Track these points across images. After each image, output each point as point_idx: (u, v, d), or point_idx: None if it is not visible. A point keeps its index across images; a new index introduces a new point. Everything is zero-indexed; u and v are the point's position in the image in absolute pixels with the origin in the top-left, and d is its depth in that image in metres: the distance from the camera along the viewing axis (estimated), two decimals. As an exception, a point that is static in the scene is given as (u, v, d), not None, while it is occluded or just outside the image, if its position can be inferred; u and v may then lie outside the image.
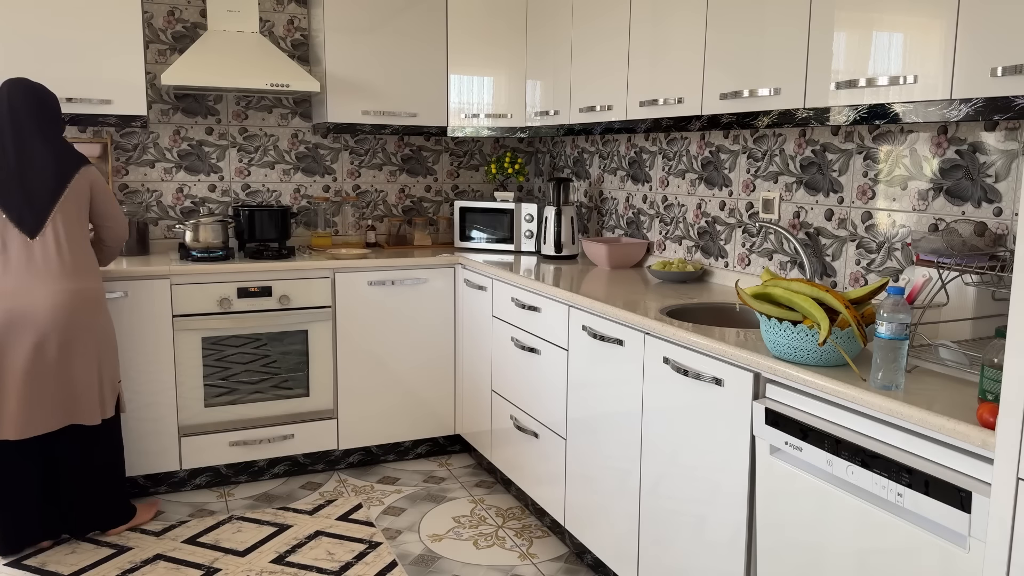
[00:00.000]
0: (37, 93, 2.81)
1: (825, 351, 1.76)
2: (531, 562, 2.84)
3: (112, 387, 2.89)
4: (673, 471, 2.24)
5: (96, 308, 2.81)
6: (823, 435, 1.71)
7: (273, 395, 3.44)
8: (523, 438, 3.11)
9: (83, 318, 2.76)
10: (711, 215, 3.05)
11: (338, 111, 3.64)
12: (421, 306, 3.63)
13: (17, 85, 2.78)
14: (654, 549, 2.34)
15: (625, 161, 3.57)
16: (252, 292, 3.34)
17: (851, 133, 2.43)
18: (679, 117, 2.63)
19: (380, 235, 4.15)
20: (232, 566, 2.76)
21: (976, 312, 1.86)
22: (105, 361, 2.85)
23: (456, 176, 4.29)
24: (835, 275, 2.51)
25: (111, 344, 2.89)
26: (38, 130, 2.77)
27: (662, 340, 2.25)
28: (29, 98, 2.78)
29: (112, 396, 2.89)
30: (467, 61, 3.78)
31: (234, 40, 3.50)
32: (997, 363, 1.41)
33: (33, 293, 2.68)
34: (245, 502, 3.29)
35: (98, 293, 2.83)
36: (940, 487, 1.46)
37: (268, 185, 3.92)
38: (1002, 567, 1.32)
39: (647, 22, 2.78)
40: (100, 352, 2.83)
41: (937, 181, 2.16)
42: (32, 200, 2.72)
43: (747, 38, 2.32)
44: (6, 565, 2.73)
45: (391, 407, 3.65)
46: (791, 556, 1.83)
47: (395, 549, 2.91)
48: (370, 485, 3.48)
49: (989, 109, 1.64)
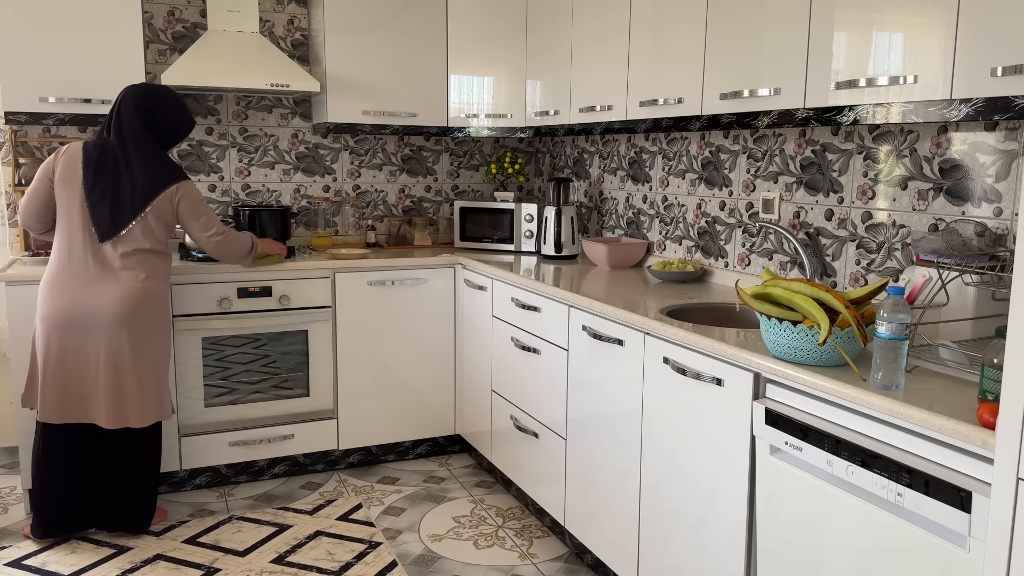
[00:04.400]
0: (149, 102, 2.84)
1: (825, 351, 1.76)
2: (531, 562, 2.84)
3: (167, 390, 2.90)
4: (673, 471, 2.24)
5: (154, 311, 2.82)
6: (823, 435, 1.71)
7: (273, 395, 3.44)
8: (523, 438, 3.11)
9: (141, 320, 2.78)
10: (711, 215, 3.05)
11: (338, 111, 3.64)
12: (421, 306, 3.63)
13: (130, 93, 2.84)
14: (654, 549, 2.34)
15: (625, 161, 3.57)
16: (252, 292, 3.34)
17: (851, 133, 2.43)
18: (679, 117, 2.63)
19: (380, 235, 4.15)
20: (232, 566, 2.76)
21: (976, 312, 1.86)
22: (162, 364, 2.87)
23: (456, 176, 4.29)
24: (835, 275, 2.51)
25: (168, 348, 2.90)
26: (135, 141, 2.81)
27: (662, 340, 2.25)
28: (139, 107, 2.82)
29: (161, 400, 2.89)
30: (467, 61, 3.78)
31: (234, 40, 3.50)
32: (997, 363, 1.41)
33: (92, 293, 2.73)
34: (245, 502, 3.29)
35: (157, 296, 2.82)
36: (940, 487, 1.46)
37: (268, 185, 3.92)
38: (1002, 567, 1.32)
39: (647, 22, 2.78)
40: (157, 354, 2.84)
41: (937, 181, 2.16)
42: (116, 210, 2.77)
43: (747, 38, 2.32)
44: (6, 565, 2.73)
45: (391, 407, 3.65)
46: (791, 556, 1.83)
47: (395, 549, 2.91)
48: (370, 485, 3.48)
49: (989, 109, 1.64)
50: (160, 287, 2.85)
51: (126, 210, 2.78)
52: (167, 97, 2.89)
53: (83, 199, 2.76)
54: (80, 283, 2.74)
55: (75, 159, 2.79)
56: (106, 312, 2.73)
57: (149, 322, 2.80)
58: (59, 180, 2.78)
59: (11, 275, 2.98)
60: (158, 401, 2.86)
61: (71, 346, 2.75)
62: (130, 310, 2.75)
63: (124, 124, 2.82)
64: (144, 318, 2.79)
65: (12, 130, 3.43)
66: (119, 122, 2.82)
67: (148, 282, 2.80)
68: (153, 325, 2.82)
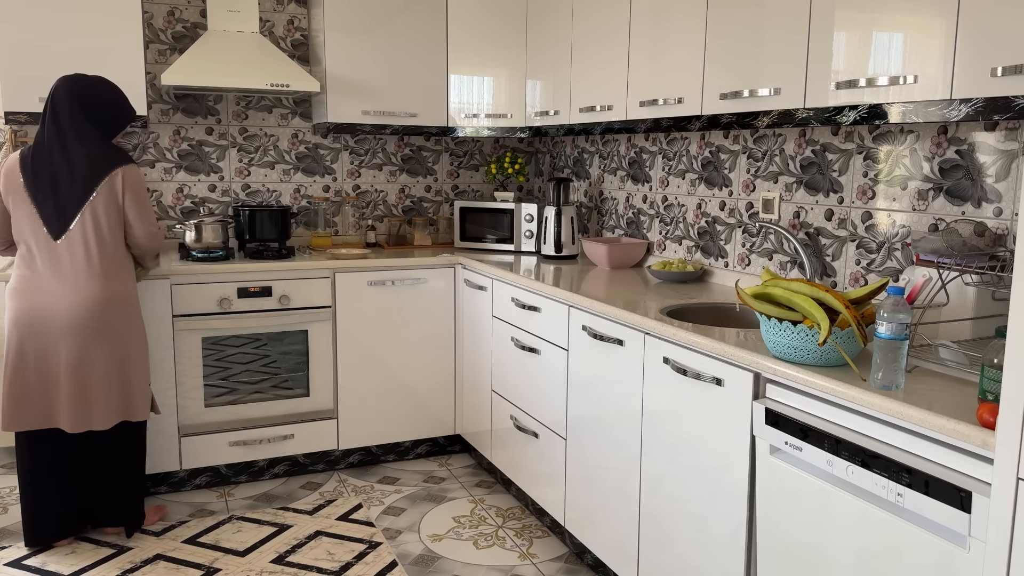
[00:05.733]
0: (85, 91, 2.75)
1: (825, 351, 1.76)
2: (531, 562, 2.84)
3: (142, 389, 2.87)
4: (673, 471, 2.24)
5: (121, 310, 2.78)
6: (823, 435, 1.71)
7: (273, 395, 3.44)
8: (523, 438, 3.11)
9: (106, 320, 2.75)
10: (711, 215, 3.05)
11: (338, 111, 3.64)
12: (421, 306, 3.63)
13: (64, 83, 2.75)
14: (654, 549, 2.34)
15: (625, 161, 3.57)
16: (252, 292, 3.34)
17: (851, 133, 2.43)
18: (679, 117, 2.63)
19: (380, 235, 4.15)
20: (232, 566, 2.76)
21: (976, 312, 1.86)
22: (132, 364, 2.83)
23: (456, 176, 4.29)
24: (835, 275, 2.51)
25: (140, 346, 2.86)
26: (76, 130, 2.73)
27: (662, 340, 2.25)
28: (75, 96, 2.73)
29: (142, 399, 2.87)
30: (467, 61, 3.78)
31: (234, 40, 3.50)
32: (997, 363, 1.41)
33: (54, 294, 2.70)
34: (245, 502, 3.29)
35: (123, 295, 2.79)
36: (940, 487, 1.46)
37: (268, 185, 3.92)
38: (1002, 567, 1.32)
39: (647, 22, 2.78)
40: (125, 355, 2.81)
41: (937, 181, 2.16)
42: (60, 202, 2.71)
43: (747, 38, 2.32)
44: (6, 565, 2.73)
45: (391, 407, 3.65)
46: (791, 556, 1.83)
47: (395, 549, 2.91)
48: (370, 485, 3.48)
49: (989, 109, 1.64)
50: (119, 286, 2.78)
51: (71, 200, 2.71)
52: (101, 84, 2.81)
53: (30, 202, 2.71)
54: (41, 285, 2.70)
55: (13, 168, 2.74)
56: (63, 316, 2.69)
57: (110, 323, 2.75)
58: (4, 193, 2.74)
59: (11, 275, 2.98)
60: (123, 402, 2.82)
61: (31, 350, 2.71)
62: (86, 313, 2.70)
63: (60, 115, 2.73)
64: (104, 319, 2.74)
65: (12, 130, 3.43)
66: (55, 114, 2.73)
67: (105, 282, 2.74)
68: (116, 325, 2.76)
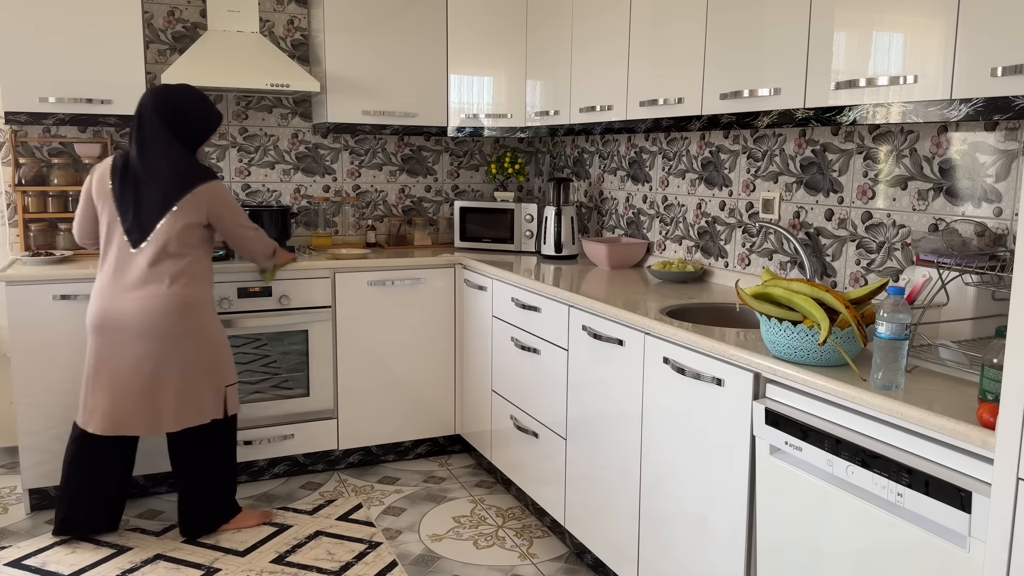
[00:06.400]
0: (169, 105, 2.81)
1: (825, 351, 1.76)
2: (531, 562, 2.84)
3: (216, 391, 2.87)
4: (673, 471, 2.24)
5: (190, 316, 2.79)
6: (823, 435, 1.71)
7: (273, 395, 3.44)
8: (523, 438, 3.11)
9: (176, 326, 2.76)
10: (711, 215, 3.05)
11: (338, 111, 3.64)
12: (421, 306, 3.63)
13: (150, 97, 2.81)
14: (654, 549, 2.34)
15: (625, 161, 3.57)
16: (252, 292, 3.34)
17: (851, 133, 2.43)
18: (679, 117, 2.63)
19: (380, 235, 4.15)
20: (232, 566, 2.76)
21: (976, 312, 1.86)
22: (201, 368, 2.83)
23: (456, 176, 4.29)
24: (835, 275, 2.51)
25: (214, 349, 2.86)
26: (160, 144, 2.79)
27: (662, 340, 2.25)
28: (159, 111, 2.79)
29: (216, 401, 2.87)
30: (467, 61, 3.78)
31: (234, 40, 3.50)
32: (997, 363, 1.41)
33: (127, 300, 2.74)
34: (245, 502, 3.29)
35: (193, 302, 2.80)
36: (940, 487, 1.46)
37: (268, 185, 3.92)
38: (1002, 567, 1.32)
39: (647, 22, 2.78)
40: (196, 358, 2.81)
41: (937, 181, 2.16)
42: (141, 213, 2.76)
43: (747, 38, 2.32)
44: (6, 565, 2.74)
45: (391, 407, 3.65)
46: (791, 556, 1.83)
47: (395, 549, 2.91)
48: (370, 485, 3.48)
49: (989, 109, 1.64)
50: (191, 292, 2.80)
51: (152, 213, 2.76)
52: (188, 95, 2.86)
53: (115, 209, 2.78)
54: (116, 291, 2.75)
55: (105, 172, 2.81)
56: (134, 321, 2.73)
57: (179, 328, 2.77)
58: (95, 195, 2.83)
59: (11, 275, 2.98)
60: (194, 405, 2.82)
61: (107, 354, 2.77)
62: (156, 319, 2.73)
63: (146, 129, 2.80)
64: (173, 325, 2.76)
65: (12, 130, 3.43)
66: (141, 129, 2.80)
67: (177, 288, 2.76)
68: (184, 330, 2.78)
